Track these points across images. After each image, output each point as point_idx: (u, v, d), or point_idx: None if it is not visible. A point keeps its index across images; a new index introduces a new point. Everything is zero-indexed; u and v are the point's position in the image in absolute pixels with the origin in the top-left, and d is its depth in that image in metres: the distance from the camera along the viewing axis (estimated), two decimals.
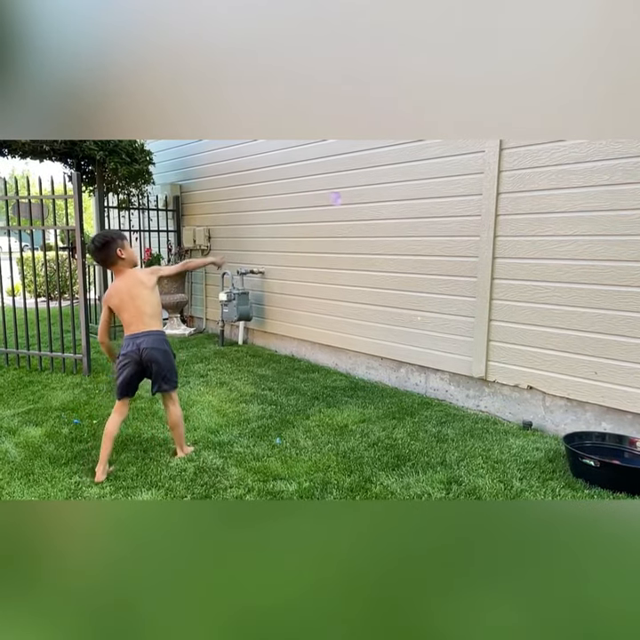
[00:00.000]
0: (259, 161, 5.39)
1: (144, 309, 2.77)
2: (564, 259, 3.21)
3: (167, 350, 2.83)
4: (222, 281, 5.80)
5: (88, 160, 5.92)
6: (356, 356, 4.65)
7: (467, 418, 3.57)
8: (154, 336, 2.79)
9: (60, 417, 3.59)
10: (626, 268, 2.96)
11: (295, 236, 5.10)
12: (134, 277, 2.80)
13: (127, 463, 2.88)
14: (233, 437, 3.22)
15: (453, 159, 3.73)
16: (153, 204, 6.55)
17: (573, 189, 3.14)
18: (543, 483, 2.63)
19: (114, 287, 2.83)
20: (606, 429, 3.11)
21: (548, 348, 3.32)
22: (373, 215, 4.33)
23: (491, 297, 3.58)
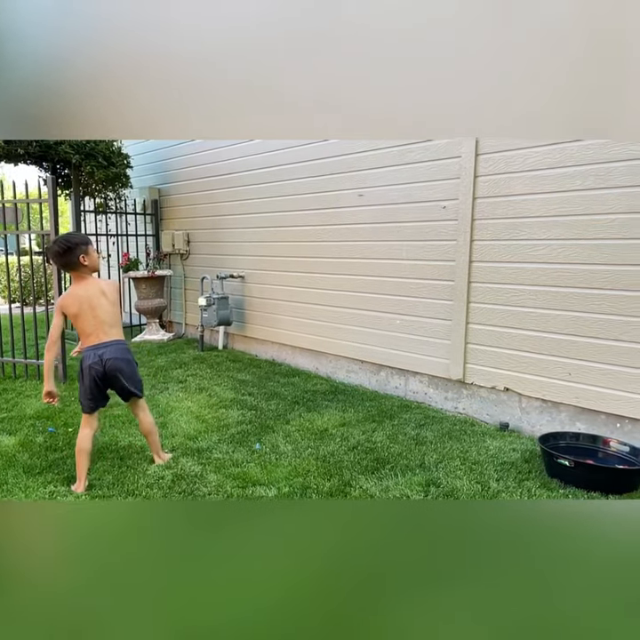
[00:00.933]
0: (238, 165, 5.38)
1: (104, 319, 2.68)
2: (538, 262, 3.27)
3: (130, 359, 2.77)
4: (202, 285, 5.77)
5: (64, 163, 5.83)
6: (337, 360, 4.66)
7: (445, 420, 3.61)
8: (116, 346, 2.71)
9: (34, 425, 3.52)
10: (598, 271, 3.03)
11: (275, 240, 5.10)
12: (96, 286, 2.70)
13: (103, 472, 2.84)
14: (212, 443, 3.20)
15: (431, 164, 3.77)
16: (131, 207, 6.48)
17: (547, 194, 3.20)
18: (519, 483, 2.67)
19: (72, 294, 2.69)
20: (580, 430, 3.17)
21: (524, 350, 3.38)
22: (353, 219, 4.35)
23: (468, 300, 3.63)
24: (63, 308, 2.69)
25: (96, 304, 2.67)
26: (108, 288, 2.74)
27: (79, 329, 2.73)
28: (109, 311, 2.71)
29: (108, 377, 2.70)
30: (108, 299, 2.71)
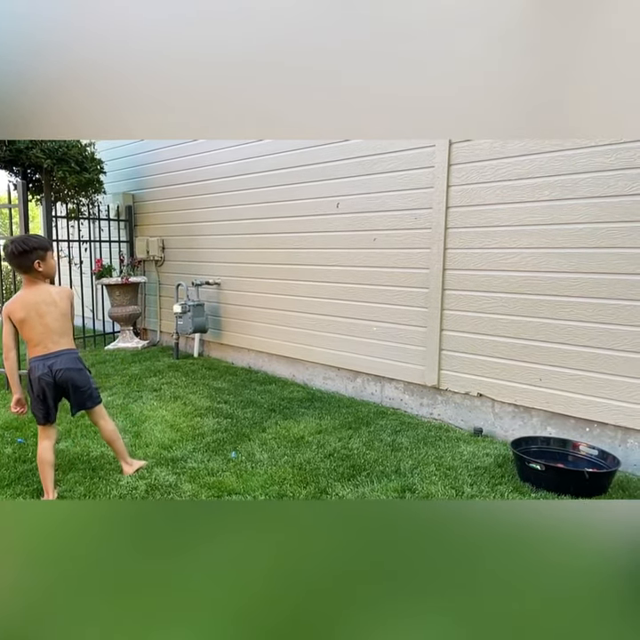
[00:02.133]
0: (214, 172, 5.36)
1: (53, 327, 2.56)
2: (509, 270, 3.35)
3: (82, 369, 2.67)
4: (177, 292, 5.71)
5: (35, 168, 5.71)
6: (314, 367, 4.67)
7: (421, 426, 3.65)
8: (67, 355, 2.61)
9: (2, 436, 3.42)
10: (566, 279, 3.12)
11: (251, 247, 5.09)
12: (46, 292, 2.57)
13: (75, 483, 2.77)
14: (187, 452, 3.16)
15: (405, 174, 3.83)
16: (104, 213, 6.39)
17: (517, 204, 3.28)
18: (492, 487, 2.71)
19: (20, 299, 2.55)
20: (551, 434, 3.24)
21: (496, 356, 3.44)
22: (328, 227, 4.38)
23: (442, 307, 3.68)
24: (9, 313, 2.54)
25: (45, 311, 2.55)
26: (59, 296, 2.61)
27: (26, 337, 2.57)
28: (59, 320, 2.58)
29: (59, 388, 2.60)
30: (59, 307, 2.58)
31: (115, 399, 4.18)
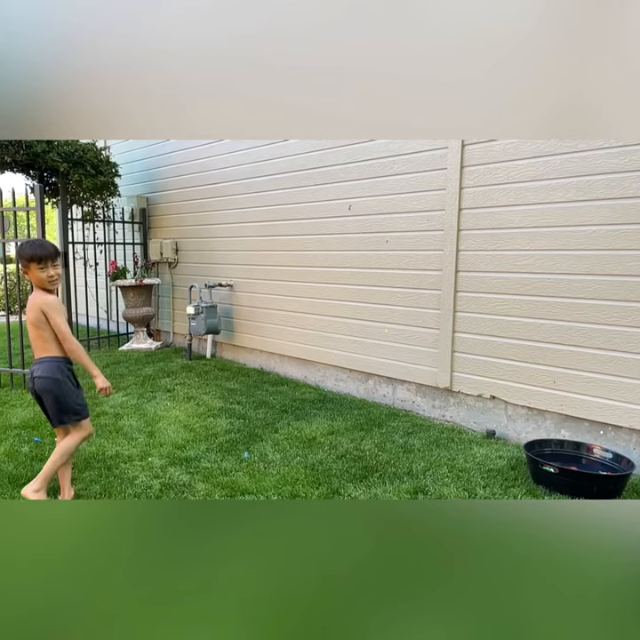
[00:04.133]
0: (225, 175, 5.41)
1: (40, 333, 2.50)
2: (522, 272, 3.34)
3: (60, 380, 2.48)
4: (190, 294, 5.76)
5: (51, 172, 5.81)
6: (325, 369, 4.68)
7: (433, 428, 3.64)
8: (47, 363, 2.49)
9: (19, 435, 3.48)
10: (580, 281, 3.10)
11: (264, 249, 5.12)
12: (34, 300, 2.50)
13: (90, 481, 2.82)
14: (200, 452, 3.19)
15: (417, 176, 3.84)
16: (118, 216, 6.47)
17: (530, 206, 3.27)
18: (505, 490, 2.70)
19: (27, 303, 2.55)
20: (565, 437, 3.22)
21: (509, 358, 3.43)
22: (340, 229, 4.39)
23: (454, 309, 3.68)
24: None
25: (31, 317, 2.51)
26: (29, 306, 2.51)
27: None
28: (30, 330, 2.52)
29: (38, 396, 2.56)
30: (28, 317, 2.50)
31: (129, 399, 4.23)
